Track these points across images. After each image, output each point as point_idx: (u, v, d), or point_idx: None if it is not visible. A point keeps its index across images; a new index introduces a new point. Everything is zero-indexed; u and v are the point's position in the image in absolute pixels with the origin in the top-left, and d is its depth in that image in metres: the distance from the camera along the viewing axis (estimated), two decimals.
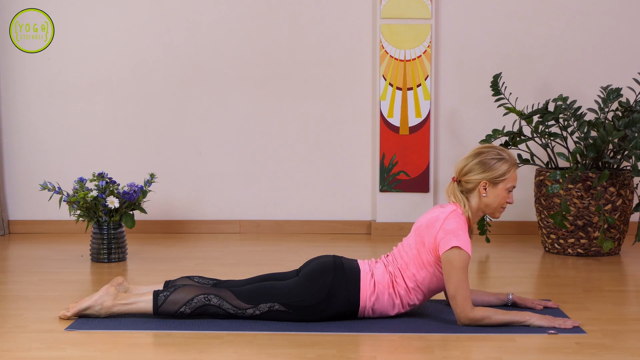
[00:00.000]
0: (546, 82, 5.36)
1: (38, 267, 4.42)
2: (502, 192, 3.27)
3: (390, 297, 3.28)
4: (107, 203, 4.45)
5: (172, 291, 3.28)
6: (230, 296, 3.26)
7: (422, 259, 3.26)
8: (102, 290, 3.33)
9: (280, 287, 3.29)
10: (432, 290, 3.32)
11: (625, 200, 4.66)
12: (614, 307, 3.60)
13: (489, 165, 3.25)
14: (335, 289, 3.25)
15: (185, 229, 5.49)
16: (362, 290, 3.27)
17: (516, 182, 3.31)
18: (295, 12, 5.40)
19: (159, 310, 3.26)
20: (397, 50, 5.28)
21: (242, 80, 5.43)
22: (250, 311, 3.26)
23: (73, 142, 5.46)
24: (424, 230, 3.28)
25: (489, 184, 3.26)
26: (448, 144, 5.44)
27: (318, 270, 3.29)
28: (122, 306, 3.29)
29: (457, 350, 3.00)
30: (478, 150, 3.30)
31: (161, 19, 5.40)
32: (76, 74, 5.42)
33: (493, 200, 3.28)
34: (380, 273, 3.30)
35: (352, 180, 5.49)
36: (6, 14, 5.38)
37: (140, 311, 3.29)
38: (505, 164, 3.26)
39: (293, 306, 3.25)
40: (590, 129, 4.62)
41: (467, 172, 3.28)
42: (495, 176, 3.25)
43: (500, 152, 3.28)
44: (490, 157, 3.26)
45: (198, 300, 3.25)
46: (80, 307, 3.31)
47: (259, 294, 3.27)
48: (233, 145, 5.47)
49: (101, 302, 3.30)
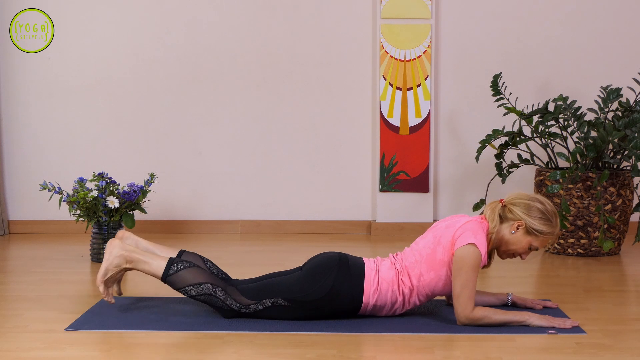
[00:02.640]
0: (546, 82, 5.36)
1: (38, 267, 4.42)
2: (526, 244, 3.29)
3: (393, 294, 3.28)
4: (107, 203, 4.45)
5: (186, 266, 3.30)
6: (235, 292, 3.28)
7: (436, 258, 3.26)
8: (107, 248, 3.35)
9: (284, 282, 3.30)
10: (435, 294, 3.32)
11: (625, 200, 4.66)
12: (614, 307, 3.60)
13: (534, 215, 3.26)
14: (339, 285, 3.26)
15: (185, 229, 5.49)
16: (366, 287, 3.27)
17: (542, 247, 3.32)
18: (295, 12, 5.40)
19: (167, 279, 3.28)
20: (397, 50, 5.28)
21: (242, 80, 5.44)
22: (253, 307, 3.27)
23: (73, 142, 5.46)
24: (444, 230, 3.29)
25: (522, 227, 3.27)
26: (448, 144, 5.44)
27: (322, 265, 3.30)
28: (139, 262, 3.31)
29: (457, 350, 3.00)
30: (537, 197, 3.31)
31: (161, 19, 5.41)
32: (76, 74, 5.43)
33: (514, 242, 3.29)
34: (385, 269, 3.30)
35: (352, 180, 5.49)
36: (6, 14, 5.39)
37: (151, 273, 3.31)
38: (548, 227, 3.26)
39: (296, 301, 3.25)
40: (590, 129, 4.62)
41: (514, 205, 3.29)
42: (532, 227, 3.25)
43: (552, 215, 3.28)
44: (542, 210, 3.27)
45: (205, 287, 3.27)
46: (100, 277, 3.31)
47: (262, 290, 3.29)
48: (233, 145, 5.47)
49: (112, 258, 3.31)
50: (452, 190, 5.46)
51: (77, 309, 3.50)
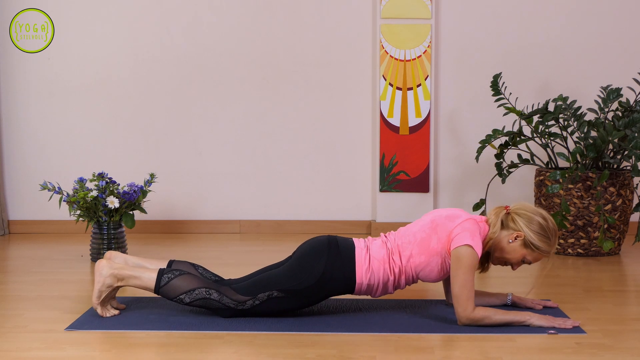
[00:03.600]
0: (546, 82, 5.36)
1: (38, 267, 4.42)
2: (520, 255, 3.30)
3: (385, 272, 3.30)
4: (107, 203, 4.45)
5: (176, 275, 3.30)
6: (230, 292, 3.29)
7: (430, 245, 3.27)
8: (96, 270, 3.34)
9: (277, 274, 3.31)
10: (419, 278, 3.34)
11: (625, 200, 4.66)
12: (614, 307, 3.60)
13: (534, 229, 3.26)
14: (330, 268, 3.27)
15: (185, 229, 5.49)
16: (358, 266, 3.29)
17: (534, 262, 3.34)
18: (295, 12, 5.40)
19: (160, 290, 3.29)
20: (397, 50, 5.28)
21: (242, 80, 5.44)
22: (249, 302, 3.28)
23: (73, 142, 5.46)
24: (443, 219, 3.29)
25: (520, 239, 3.28)
26: (448, 144, 5.44)
27: (312, 251, 3.31)
28: (130, 278, 3.31)
29: (457, 350, 3.00)
30: (542, 213, 3.31)
31: (161, 19, 5.41)
32: (76, 74, 5.43)
33: (509, 252, 3.30)
34: (376, 248, 3.32)
35: (352, 180, 5.49)
36: (6, 14, 5.39)
37: (143, 287, 3.32)
38: (545, 245, 3.27)
39: (291, 291, 3.27)
40: (590, 129, 4.62)
41: (518, 215, 3.29)
42: (530, 241, 3.26)
43: (552, 233, 3.28)
44: (544, 227, 3.27)
45: (199, 292, 3.28)
46: (95, 300, 3.33)
47: (256, 285, 3.30)
48: (233, 145, 5.47)
49: (103, 279, 3.31)
50: (452, 190, 5.46)
51: (77, 309, 3.50)
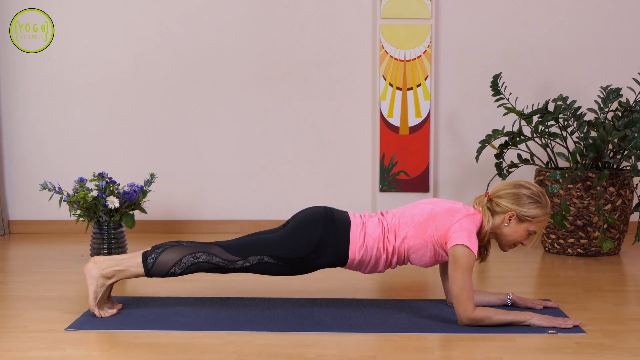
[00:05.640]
0: (546, 82, 5.37)
1: (38, 267, 4.42)
2: (523, 231, 3.28)
3: (378, 251, 3.30)
4: (107, 203, 4.45)
5: (159, 252, 3.31)
6: (219, 250, 3.29)
7: (425, 230, 3.27)
8: (86, 274, 3.34)
9: (270, 239, 3.30)
10: (412, 261, 3.34)
11: (625, 200, 4.66)
12: (614, 307, 3.60)
13: (523, 202, 3.25)
14: (324, 240, 3.27)
15: (185, 229, 5.49)
16: (352, 243, 3.28)
17: (540, 230, 3.31)
18: (295, 12, 5.40)
19: (150, 273, 3.29)
20: (397, 50, 5.28)
21: (242, 80, 5.44)
22: (240, 263, 3.28)
23: (73, 142, 5.46)
24: (444, 212, 3.28)
25: (515, 218, 3.27)
26: (448, 144, 5.44)
27: (308, 220, 3.30)
28: (118, 273, 3.31)
29: (457, 350, 3.00)
30: (520, 183, 3.30)
31: (161, 18, 5.41)
32: (76, 74, 5.43)
33: (511, 233, 3.29)
34: (372, 226, 3.31)
35: (352, 180, 5.49)
36: (6, 14, 5.38)
37: (134, 275, 3.32)
38: (540, 210, 3.26)
39: (283, 258, 3.27)
40: (590, 129, 4.63)
41: (500, 197, 3.28)
42: (524, 214, 3.25)
43: (540, 196, 3.28)
44: (528, 195, 3.26)
45: (187, 260, 3.28)
46: (92, 302, 3.33)
47: (248, 246, 3.29)
48: (233, 145, 5.47)
49: (95, 280, 3.31)
50: (452, 190, 5.46)
51: (77, 309, 3.50)
